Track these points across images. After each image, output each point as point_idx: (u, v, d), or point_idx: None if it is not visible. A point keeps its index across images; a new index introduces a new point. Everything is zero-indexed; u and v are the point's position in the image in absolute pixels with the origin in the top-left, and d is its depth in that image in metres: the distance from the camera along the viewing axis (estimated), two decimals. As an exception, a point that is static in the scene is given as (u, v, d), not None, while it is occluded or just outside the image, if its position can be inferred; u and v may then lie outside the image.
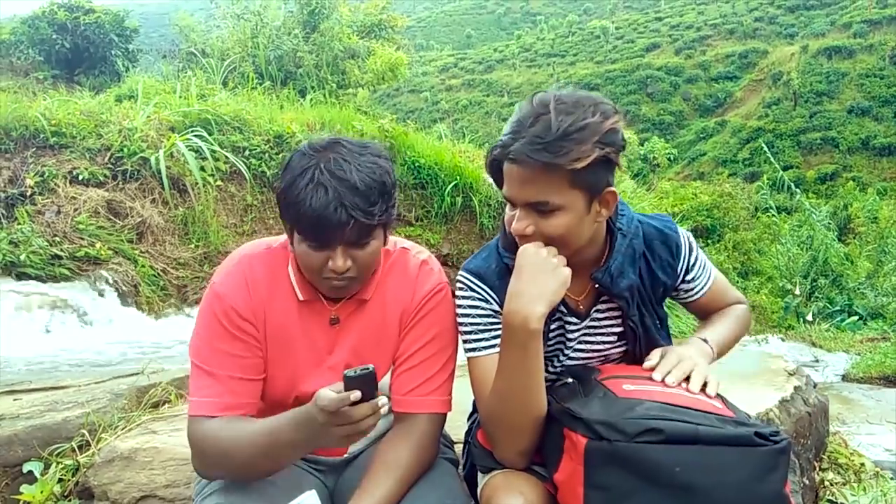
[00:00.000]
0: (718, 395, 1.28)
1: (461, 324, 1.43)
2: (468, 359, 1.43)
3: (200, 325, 1.34)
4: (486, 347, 1.40)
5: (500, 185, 1.34)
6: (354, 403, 1.08)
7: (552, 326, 1.45)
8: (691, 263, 1.50)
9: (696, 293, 1.53)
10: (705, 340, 1.43)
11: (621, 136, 1.25)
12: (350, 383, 1.05)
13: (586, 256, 1.39)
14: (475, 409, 1.59)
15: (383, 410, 1.12)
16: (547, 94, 1.25)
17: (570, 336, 1.46)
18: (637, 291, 1.43)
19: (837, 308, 11.82)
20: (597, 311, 1.46)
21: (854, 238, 17.32)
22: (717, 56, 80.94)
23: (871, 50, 65.80)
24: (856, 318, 11.34)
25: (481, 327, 1.40)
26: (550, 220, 1.26)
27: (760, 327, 9.67)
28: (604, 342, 1.49)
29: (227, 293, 1.32)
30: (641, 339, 1.45)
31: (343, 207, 1.19)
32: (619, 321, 1.46)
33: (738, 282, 9.95)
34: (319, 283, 1.32)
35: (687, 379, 1.26)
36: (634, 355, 1.48)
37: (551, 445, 1.24)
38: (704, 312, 1.59)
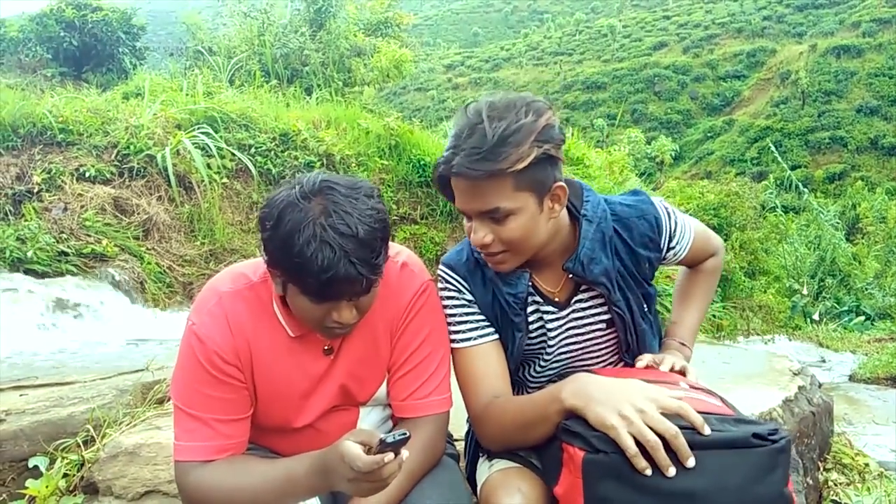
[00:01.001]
0: (718, 395, 1.28)
1: (445, 316, 1.46)
2: (452, 350, 1.45)
3: (182, 368, 1.28)
4: (463, 340, 1.43)
5: (451, 199, 1.34)
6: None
7: (531, 319, 1.46)
8: (673, 231, 1.50)
9: (680, 254, 1.55)
10: (683, 344, 1.58)
11: (558, 129, 1.27)
12: (385, 448, 1.02)
13: (555, 248, 1.41)
14: None
15: (405, 458, 1.08)
16: (480, 103, 1.26)
17: (549, 327, 1.46)
18: (618, 274, 1.43)
19: (845, 308, 11.77)
20: (578, 301, 1.46)
21: (862, 238, 17.23)
22: (725, 55, 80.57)
23: (881, 49, 65.35)
24: (863, 318, 11.29)
25: (458, 318, 1.43)
26: (506, 225, 1.27)
27: (767, 327, 9.62)
28: (593, 331, 1.49)
29: (208, 336, 1.26)
30: (629, 324, 1.46)
31: (351, 265, 1.13)
32: (605, 308, 1.46)
33: (744, 282, 9.89)
34: (318, 331, 1.28)
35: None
36: (627, 344, 1.49)
37: (551, 458, 1.24)
38: (688, 265, 1.69)
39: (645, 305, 1.50)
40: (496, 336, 1.44)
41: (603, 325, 1.48)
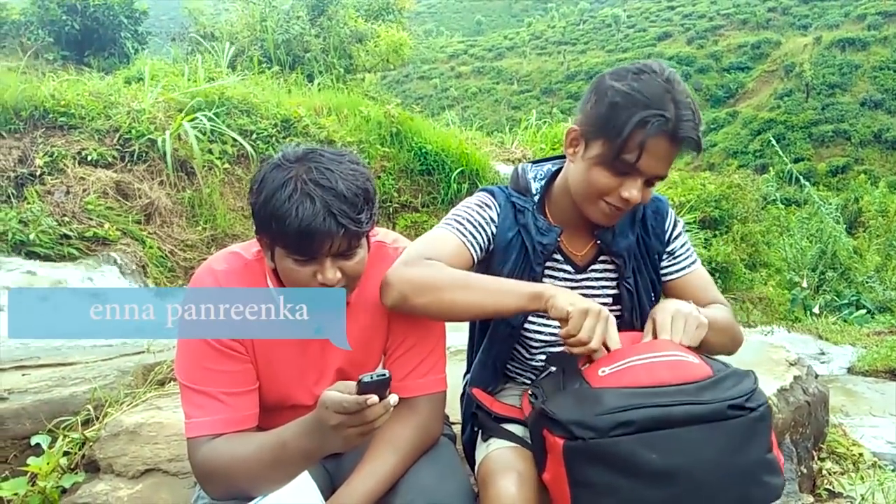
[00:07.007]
0: (699, 354, 1.27)
1: (459, 207, 1.49)
2: (438, 227, 1.46)
3: (185, 346, 1.29)
4: (454, 229, 1.44)
5: (621, 151, 1.28)
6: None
7: (547, 273, 1.49)
8: (674, 236, 1.56)
9: (675, 271, 1.55)
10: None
11: None
12: (366, 388, 1.03)
13: None
14: (468, 369, 1.63)
15: (393, 403, 1.08)
16: (664, 70, 1.30)
17: (560, 286, 1.46)
18: (634, 254, 1.49)
19: (845, 301, 11.75)
20: (594, 269, 1.51)
21: (864, 231, 17.18)
22: (729, 46, 79.98)
23: (886, 42, 64.85)
24: (863, 311, 11.27)
25: (466, 217, 1.46)
26: (652, 189, 1.37)
27: (767, 319, 9.63)
28: (599, 303, 1.49)
29: None
30: (635, 303, 1.49)
31: (332, 216, 1.14)
32: (615, 282, 1.50)
33: (745, 274, 9.90)
34: None
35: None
36: (630, 323, 1.50)
37: (538, 446, 1.26)
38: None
39: (653, 294, 1.53)
40: (477, 253, 1.45)
41: (609, 300, 1.51)
